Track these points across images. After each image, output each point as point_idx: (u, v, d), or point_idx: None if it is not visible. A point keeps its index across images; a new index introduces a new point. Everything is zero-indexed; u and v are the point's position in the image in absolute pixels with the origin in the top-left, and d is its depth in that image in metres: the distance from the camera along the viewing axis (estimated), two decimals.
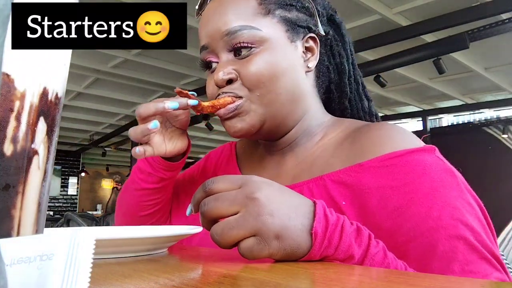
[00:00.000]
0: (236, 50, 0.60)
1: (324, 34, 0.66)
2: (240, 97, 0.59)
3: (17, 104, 0.20)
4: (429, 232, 0.48)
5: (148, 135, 0.61)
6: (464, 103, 6.27)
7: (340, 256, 0.42)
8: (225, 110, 0.59)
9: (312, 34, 0.65)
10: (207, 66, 0.65)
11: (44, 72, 0.22)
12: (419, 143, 0.55)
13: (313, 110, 0.66)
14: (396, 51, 3.99)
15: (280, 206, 0.42)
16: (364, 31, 3.85)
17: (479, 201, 0.53)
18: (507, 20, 3.39)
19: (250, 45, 0.59)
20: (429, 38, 3.97)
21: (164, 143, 0.65)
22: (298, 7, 0.64)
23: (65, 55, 0.23)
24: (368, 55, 4.41)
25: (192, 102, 0.60)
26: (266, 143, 0.70)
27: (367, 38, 3.91)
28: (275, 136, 0.66)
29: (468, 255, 0.46)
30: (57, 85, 0.23)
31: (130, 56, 4.78)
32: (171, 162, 0.70)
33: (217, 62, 0.62)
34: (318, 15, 0.65)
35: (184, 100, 0.60)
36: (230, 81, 0.60)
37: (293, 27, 0.62)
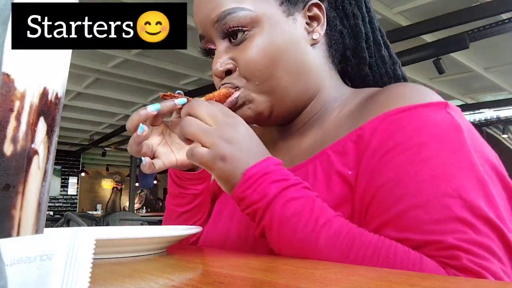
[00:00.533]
0: (230, 36, 0.56)
1: None
2: (237, 88, 0.56)
3: (17, 104, 0.20)
4: (397, 192, 0.44)
5: (142, 143, 0.56)
6: (464, 103, 6.27)
7: (256, 197, 0.46)
8: (228, 104, 0.56)
9: (314, 1, 0.58)
10: (209, 53, 0.61)
11: (44, 72, 0.22)
12: (429, 98, 0.49)
13: (327, 84, 0.60)
14: (396, 51, 3.99)
15: (240, 144, 0.48)
16: None
17: (496, 164, 0.47)
18: (507, 20, 3.39)
19: (242, 28, 0.54)
20: (429, 38, 3.97)
21: (172, 153, 0.60)
22: None
23: (65, 55, 0.23)
24: None
25: (180, 101, 0.55)
26: (279, 127, 0.66)
27: None
28: (289, 119, 0.62)
29: (433, 215, 0.41)
30: (57, 85, 0.23)
31: (130, 56, 4.78)
32: (195, 172, 0.66)
33: (215, 49, 0.59)
34: None
35: (170, 102, 0.55)
36: (229, 72, 0.57)
37: None
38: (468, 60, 4.62)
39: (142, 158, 0.58)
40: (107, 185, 12.07)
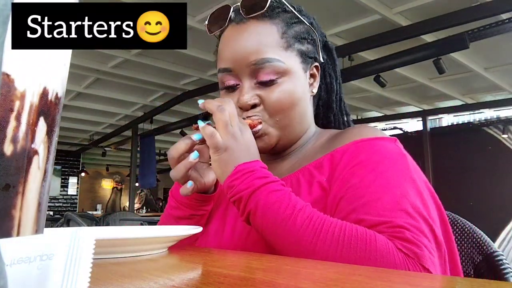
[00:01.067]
0: (262, 81, 0.67)
1: (323, 61, 0.76)
2: (260, 122, 0.68)
3: (17, 104, 0.20)
4: (361, 191, 0.58)
5: (189, 169, 0.66)
6: (464, 103, 6.27)
7: (243, 186, 0.58)
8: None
9: (317, 63, 0.74)
10: (226, 88, 0.71)
11: (44, 72, 0.22)
12: (383, 135, 0.67)
13: (311, 125, 0.77)
14: (396, 51, 3.99)
15: (241, 144, 0.61)
16: (364, 31, 3.85)
17: (429, 185, 0.64)
18: (507, 20, 3.39)
19: (274, 76, 0.67)
20: (429, 38, 3.97)
21: (201, 177, 0.70)
22: (308, 40, 0.72)
23: (65, 55, 0.23)
24: (368, 55, 4.41)
25: (196, 137, 0.65)
26: (264, 155, 0.76)
27: (367, 38, 3.91)
28: (283, 149, 0.75)
29: (386, 207, 0.55)
30: (57, 85, 0.23)
31: (130, 56, 4.78)
32: (208, 195, 0.73)
33: (238, 84, 0.70)
34: (318, 44, 0.75)
35: (203, 133, 0.64)
36: (254, 106, 0.68)
37: (305, 58, 0.72)
38: (468, 60, 4.62)
39: (189, 182, 0.67)
40: (107, 185, 12.08)
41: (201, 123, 0.63)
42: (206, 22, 0.75)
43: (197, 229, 0.57)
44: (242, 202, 0.58)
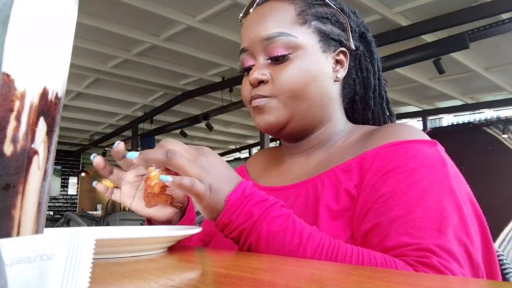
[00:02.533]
0: (273, 56, 0.65)
1: (354, 48, 0.70)
2: (268, 96, 0.65)
3: (17, 104, 0.20)
4: (392, 203, 0.53)
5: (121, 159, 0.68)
6: (464, 103, 6.28)
7: (241, 220, 0.52)
8: (256, 101, 0.66)
9: (343, 48, 0.69)
10: (246, 70, 0.70)
11: (44, 72, 0.22)
12: (422, 136, 0.60)
13: (337, 117, 0.71)
14: (396, 51, 3.99)
15: (215, 172, 0.54)
16: None
17: (471, 196, 0.57)
18: (507, 20, 3.39)
19: (286, 51, 0.64)
20: (429, 38, 3.97)
21: (132, 198, 0.68)
22: (332, 21, 0.68)
23: (65, 55, 0.23)
24: None
25: (131, 155, 0.61)
26: (288, 145, 0.74)
27: None
28: (298, 136, 0.70)
29: (409, 230, 0.50)
30: (57, 85, 0.23)
31: (130, 56, 4.78)
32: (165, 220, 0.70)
33: (254, 65, 0.67)
34: (351, 31, 0.70)
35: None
36: (262, 82, 0.65)
37: (326, 38, 0.67)
38: (468, 60, 4.62)
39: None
40: (107, 185, 12.06)
41: (134, 156, 0.57)
42: (241, 15, 0.74)
43: (197, 229, 0.57)
44: (243, 236, 0.53)
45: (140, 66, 5.09)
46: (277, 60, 0.64)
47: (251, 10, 0.71)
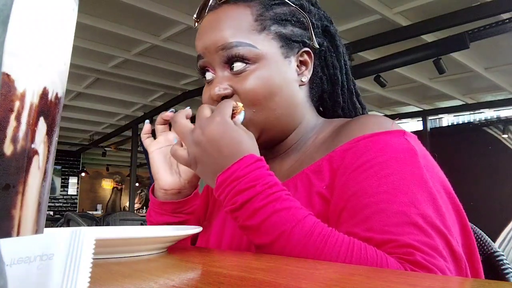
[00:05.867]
0: (231, 64, 0.62)
1: (318, 47, 0.67)
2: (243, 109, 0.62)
3: (17, 104, 0.20)
4: (364, 201, 0.51)
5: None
6: (464, 103, 6.27)
7: (228, 203, 0.53)
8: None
9: (306, 48, 0.66)
10: (203, 73, 0.67)
11: (44, 72, 0.22)
12: (390, 127, 0.58)
13: (307, 118, 0.69)
14: (396, 51, 3.99)
15: (208, 146, 0.55)
16: (364, 31, 3.84)
17: (446, 184, 0.56)
18: (507, 20, 3.39)
19: (245, 60, 0.61)
20: (429, 38, 3.97)
21: (180, 174, 0.71)
22: (293, 22, 0.65)
23: (65, 55, 0.23)
24: (368, 55, 4.41)
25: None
26: (263, 152, 0.72)
27: (367, 38, 3.91)
28: (270, 144, 0.69)
29: (391, 219, 0.49)
30: (57, 85, 0.23)
31: (130, 56, 4.78)
32: (186, 199, 0.70)
33: (213, 73, 0.65)
34: (313, 27, 0.67)
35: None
36: (225, 97, 0.63)
37: (287, 42, 0.64)
38: (468, 60, 4.62)
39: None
40: (107, 185, 12.07)
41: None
42: (194, 16, 0.69)
43: (197, 229, 0.57)
44: (232, 216, 0.54)
45: (140, 66, 5.08)
46: (237, 73, 0.61)
47: (206, 14, 0.67)
